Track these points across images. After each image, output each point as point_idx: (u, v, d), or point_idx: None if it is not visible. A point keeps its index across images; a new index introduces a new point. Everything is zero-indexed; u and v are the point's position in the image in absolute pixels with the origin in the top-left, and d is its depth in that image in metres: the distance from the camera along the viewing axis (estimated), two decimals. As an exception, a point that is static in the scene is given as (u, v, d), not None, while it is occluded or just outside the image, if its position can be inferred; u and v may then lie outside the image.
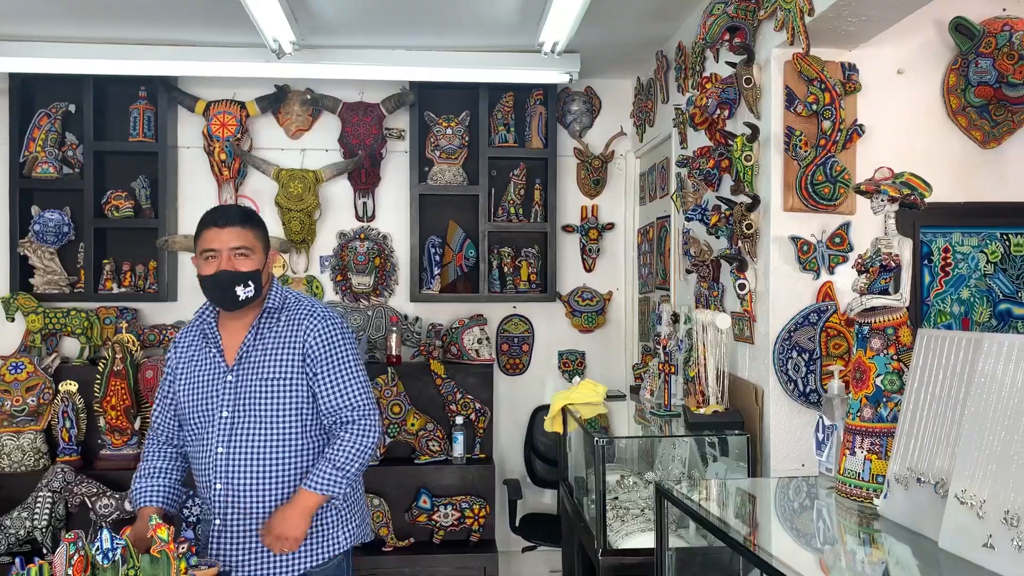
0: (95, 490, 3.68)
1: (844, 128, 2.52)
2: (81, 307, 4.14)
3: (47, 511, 3.62)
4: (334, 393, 2.24)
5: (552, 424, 3.49)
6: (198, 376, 2.29)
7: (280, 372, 2.23)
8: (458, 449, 4.00)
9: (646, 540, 2.57)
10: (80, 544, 1.96)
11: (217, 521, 2.23)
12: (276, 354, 2.24)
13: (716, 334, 2.75)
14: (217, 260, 2.20)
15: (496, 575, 3.80)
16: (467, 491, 3.98)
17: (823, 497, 1.93)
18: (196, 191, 4.30)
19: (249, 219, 2.29)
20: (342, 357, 2.26)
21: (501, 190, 4.36)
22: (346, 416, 2.23)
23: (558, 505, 4.25)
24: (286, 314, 2.29)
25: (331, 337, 2.26)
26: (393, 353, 4.14)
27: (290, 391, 2.23)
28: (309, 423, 2.25)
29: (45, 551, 3.54)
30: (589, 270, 4.48)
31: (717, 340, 2.75)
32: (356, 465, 2.21)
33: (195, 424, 2.27)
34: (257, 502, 2.22)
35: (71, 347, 4.20)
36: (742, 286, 2.71)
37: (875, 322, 1.73)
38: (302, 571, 2.24)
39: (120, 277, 4.19)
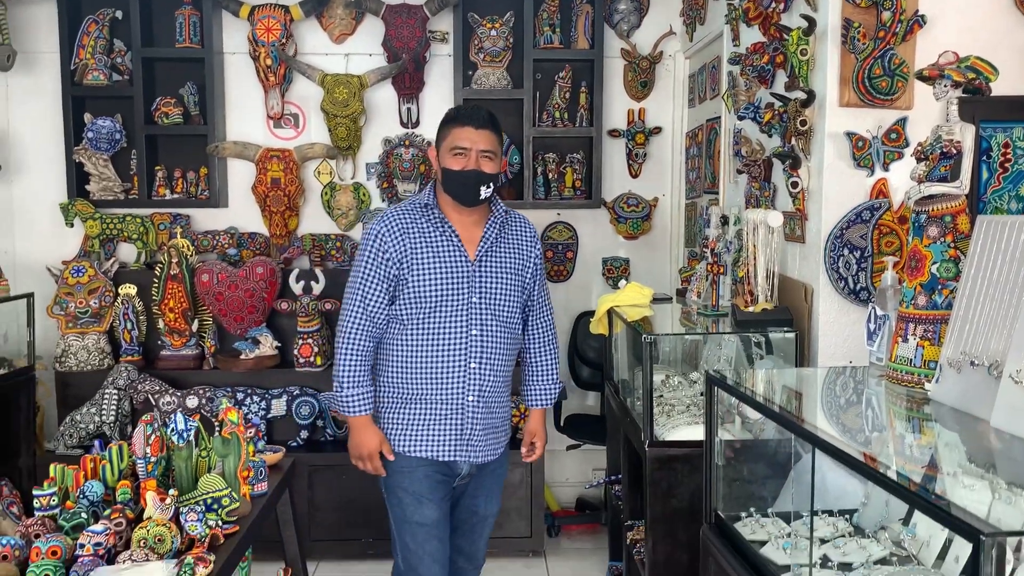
0: (157, 388, 3.84)
1: (905, 19, 2.45)
2: (136, 213, 4.24)
3: (114, 407, 3.79)
4: (540, 301, 2.59)
5: (598, 326, 3.54)
6: (439, 262, 2.38)
7: (517, 268, 2.47)
8: (504, 352, 4.08)
9: (691, 433, 2.64)
10: (156, 426, 2.07)
11: (471, 398, 2.40)
12: (513, 256, 2.47)
13: (767, 233, 2.75)
14: (466, 158, 2.33)
15: (542, 471, 3.92)
16: (514, 392, 4.06)
17: (872, 385, 1.96)
18: (243, 97, 4.32)
19: (497, 124, 2.41)
20: (542, 268, 2.59)
21: (546, 94, 4.32)
22: (544, 320, 2.60)
23: (602, 406, 4.34)
24: (507, 219, 2.50)
25: (540, 249, 2.59)
26: (440, 258, 4.19)
27: (519, 285, 2.48)
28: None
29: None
30: (635, 176, 4.45)
31: (768, 239, 2.75)
32: (556, 358, 2.66)
33: (442, 307, 2.37)
34: (501, 381, 2.46)
35: (128, 252, 4.32)
36: (794, 184, 2.69)
37: (933, 210, 1.72)
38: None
39: (172, 183, 4.26)
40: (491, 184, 2.37)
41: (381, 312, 2.39)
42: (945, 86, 1.71)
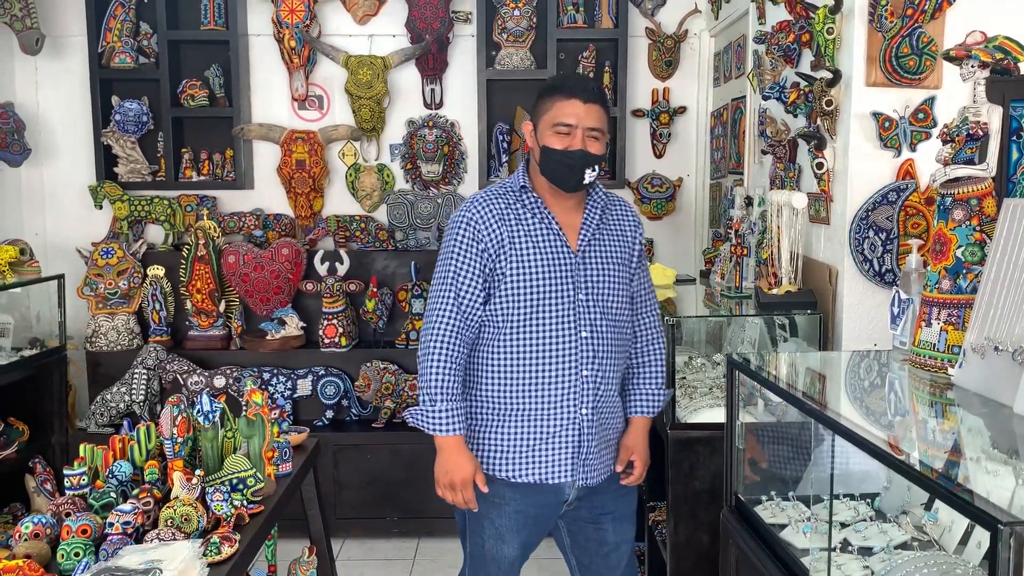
0: (186, 368, 3.90)
1: (934, -4, 2.40)
2: (163, 195, 4.29)
3: (143, 387, 3.86)
4: (645, 290, 2.27)
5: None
6: (540, 253, 2.07)
7: (623, 257, 2.18)
8: (528, 333, 4.08)
9: (712, 415, 2.63)
10: (182, 407, 2.11)
11: (585, 411, 2.08)
12: (617, 240, 2.18)
13: (791, 215, 2.73)
14: (571, 136, 2.02)
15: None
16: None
17: (896, 370, 1.94)
18: (268, 79, 4.34)
19: (605, 98, 2.12)
20: (645, 256, 2.31)
21: (569, 74, 4.29)
22: (650, 314, 2.27)
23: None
24: (608, 200, 2.22)
25: (642, 234, 2.29)
26: (463, 239, 4.20)
27: (627, 276, 2.18)
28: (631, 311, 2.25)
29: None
30: (659, 156, 4.42)
31: (792, 221, 2.73)
32: (662, 363, 2.28)
33: (545, 306, 2.06)
34: (615, 389, 2.17)
35: (155, 234, 4.37)
36: (820, 165, 2.66)
37: (958, 192, 1.70)
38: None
39: (199, 165, 4.30)
40: (596, 167, 2.06)
41: (476, 312, 2.06)
42: (972, 67, 1.68)
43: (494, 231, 2.06)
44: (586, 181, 2.06)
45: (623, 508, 2.25)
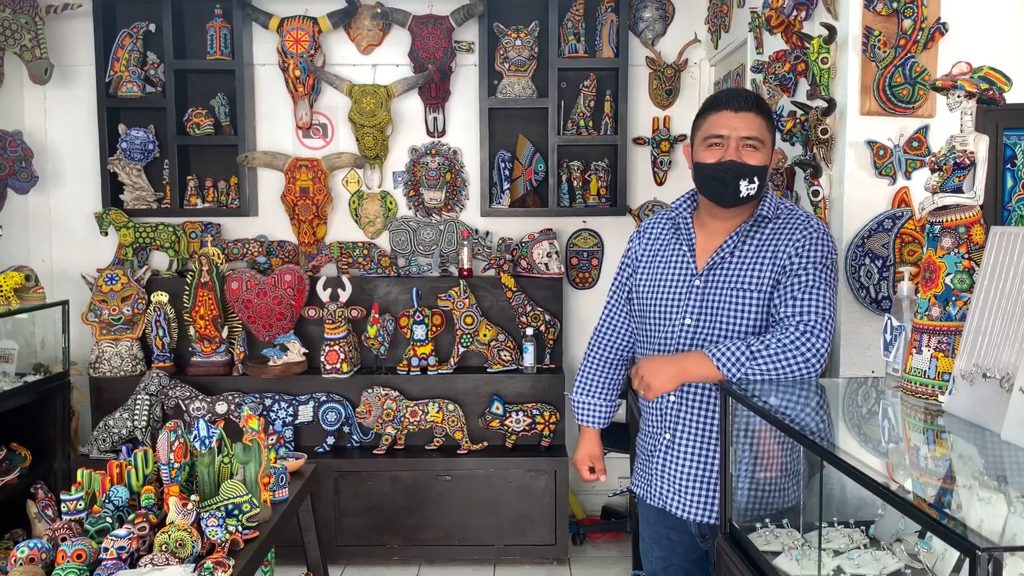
0: (188, 394, 3.92)
1: (926, 27, 2.43)
2: (168, 222, 4.33)
3: (145, 412, 3.88)
4: (791, 297, 1.97)
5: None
6: (662, 273, 2.11)
7: (753, 283, 2.01)
8: (528, 359, 4.10)
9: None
10: (179, 432, 2.12)
11: (667, 436, 2.11)
12: (754, 263, 2.02)
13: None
14: (723, 148, 1.98)
15: (566, 479, 3.93)
16: (538, 399, 4.10)
17: (889, 396, 1.94)
18: (272, 108, 4.40)
19: (764, 106, 2.03)
20: (815, 267, 1.98)
21: (571, 103, 4.34)
22: (791, 321, 1.96)
23: (627, 414, 4.34)
24: (774, 224, 2.05)
25: (814, 246, 2.00)
26: (465, 266, 4.23)
27: (758, 304, 2.01)
28: None
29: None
30: (660, 183, 4.45)
31: (787, 248, 2.73)
32: (770, 364, 1.92)
33: (651, 326, 2.12)
34: (709, 416, 2.07)
35: (160, 260, 4.41)
36: (816, 193, 2.68)
37: (946, 220, 1.71)
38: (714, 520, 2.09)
39: (203, 193, 4.35)
40: (755, 179, 1.97)
41: (619, 320, 2.23)
42: (959, 97, 1.70)
43: (635, 248, 2.21)
44: (743, 194, 1.98)
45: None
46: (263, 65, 4.38)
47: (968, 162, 1.66)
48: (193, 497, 1.99)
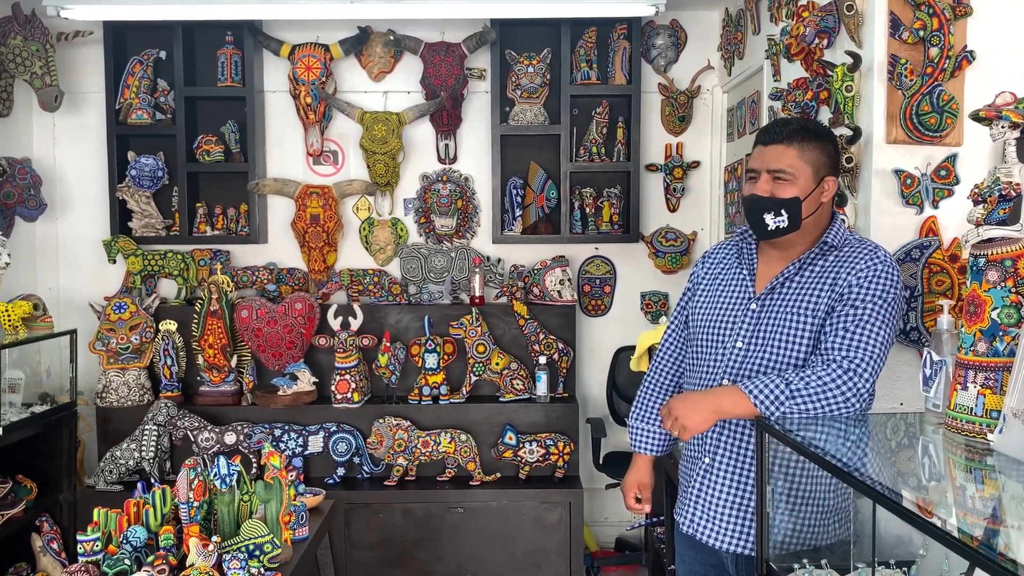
0: (196, 424, 3.85)
1: (953, 55, 2.41)
2: (177, 249, 4.29)
3: (153, 443, 3.81)
4: (842, 328, 1.89)
5: (639, 364, 3.49)
6: (720, 296, 2.09)
7: (809, 309, 1.95)
8: (541, 388, 4.04)
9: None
10: (199, 470, 2.06)
11: (706, 460, 2.08)
12: (812, 290, 1.97)
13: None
14: (754, 183, 2.00)
15: (581, 511, 3.86)
16: (551, 429, 4.04)
17: (930, 433, 1.89)
18: (283, 135, 4.37)
19: (800, 135, 1.97)
20: (873, 300, 1.90)
21: (583, 129, 4.31)
22: (834, 356, 1.88)
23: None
24: (838, 253, 1.99)
25: (876, 277, 1.92)
26: (476, 294, 4.19)
27: (811, 331, 1.95)
28: None
29: (152, 480, 3.73)
30: (673, 210, 4.42)
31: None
32: (809, 403, 1.85)
33: (702, 347, 2.09)
34: (749, 441, 2.02)
35: (169, 288, 4.36)
36: (841, 222, 2.64)
37: (992, 254, 1.67)
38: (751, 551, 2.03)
39: (213, 220, 4.31)
40: (782, 211, 1.94)
41: (678, 346, 2.22)
42: (1003, 127, 1.67)
43: (699, 273, 2.20)
44: (770, 227, 1.96)
45: None
46: (274, 92, 4.36)
47: (1014, 193, 1.63)
48: (215, 538, 1.93)
